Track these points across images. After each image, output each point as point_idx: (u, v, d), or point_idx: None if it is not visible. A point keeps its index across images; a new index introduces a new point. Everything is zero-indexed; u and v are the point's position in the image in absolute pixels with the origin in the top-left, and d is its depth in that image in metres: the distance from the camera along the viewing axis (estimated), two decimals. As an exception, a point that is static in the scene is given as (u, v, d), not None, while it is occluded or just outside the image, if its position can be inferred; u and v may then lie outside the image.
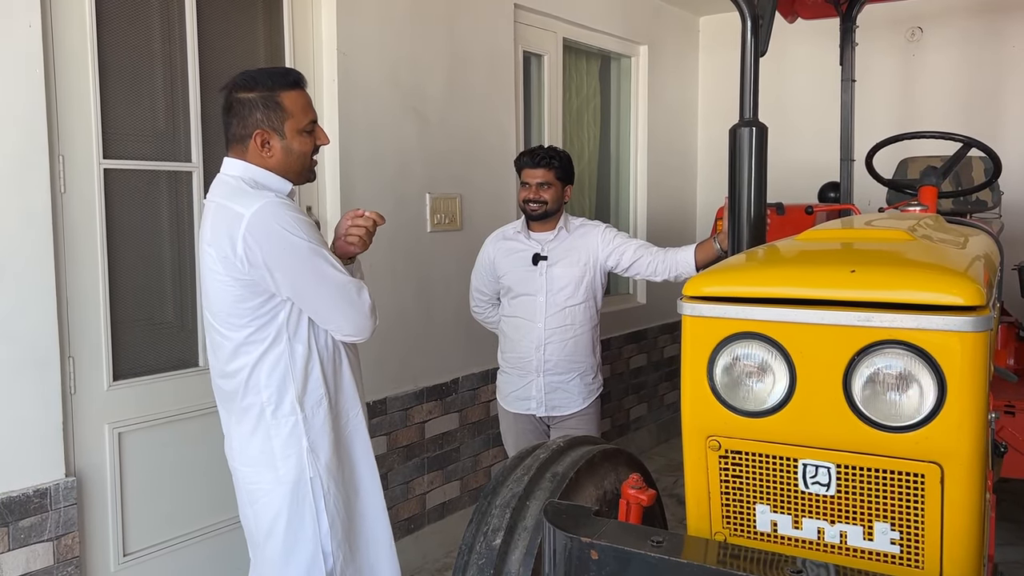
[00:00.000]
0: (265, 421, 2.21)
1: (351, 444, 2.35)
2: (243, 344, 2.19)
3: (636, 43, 5.38)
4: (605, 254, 3.31)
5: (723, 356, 1.69)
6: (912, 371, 1.53)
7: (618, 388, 5.25)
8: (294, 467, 2.22)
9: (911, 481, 1.57)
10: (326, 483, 2.25)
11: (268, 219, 2.09)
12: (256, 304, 2.15)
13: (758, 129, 2.44)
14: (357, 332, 2.23)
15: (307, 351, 2.22)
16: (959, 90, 5.15)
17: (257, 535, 2.29)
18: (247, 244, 2.07)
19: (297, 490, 2.22)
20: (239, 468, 2.29)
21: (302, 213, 2.20)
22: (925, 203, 3.12)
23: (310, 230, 2.15)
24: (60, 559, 2.57)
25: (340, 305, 2.18)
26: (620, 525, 1.81)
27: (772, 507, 1.70)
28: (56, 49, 2.58)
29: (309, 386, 2.23)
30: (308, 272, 2.13)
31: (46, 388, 2.55)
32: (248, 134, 2.18)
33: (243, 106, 2.18)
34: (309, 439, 2.23)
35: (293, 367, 2.20)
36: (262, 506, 2.25)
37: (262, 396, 2.20)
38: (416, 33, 3.71)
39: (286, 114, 2.19)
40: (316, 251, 2.14)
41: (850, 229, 2.25)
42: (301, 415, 2.22)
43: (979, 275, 1.63)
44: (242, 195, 2.14)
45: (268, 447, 2.22)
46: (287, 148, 2.21)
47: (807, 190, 4.73)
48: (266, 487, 2.23)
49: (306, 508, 2.23)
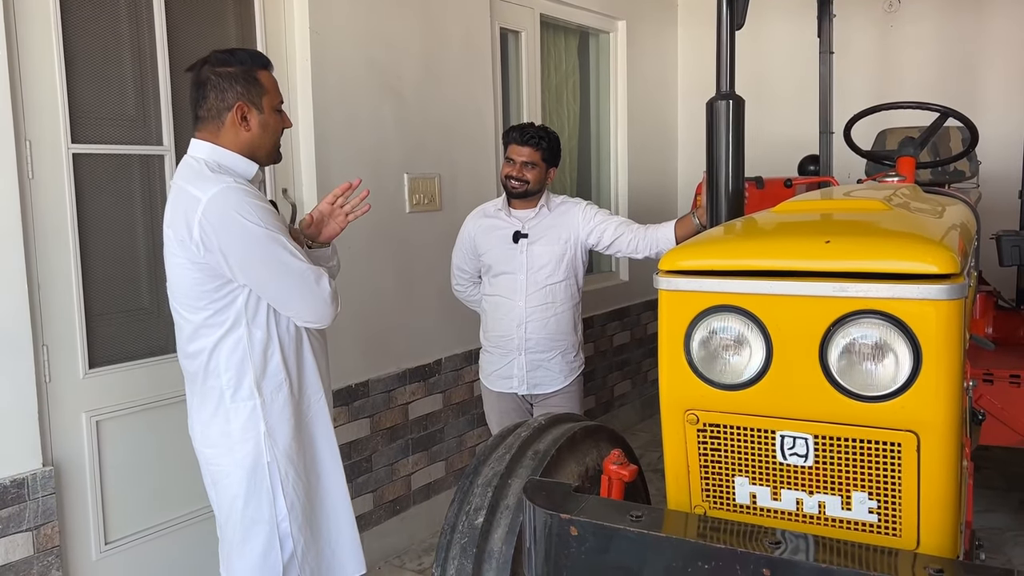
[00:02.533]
0: (224, 404, 2.21)
1: (313, 429, 2.35)
2: (201, 327, 2.18)
3: (614, 18, 5.34)
4: (586, 232, 3.29)
5: (700, 330, 1.70)
6: (887, 340, 1.53)
7: (602, 365, 5.26)
8: (251, 451, 2.22)
9: (888, 450, 1.58)
10: (283, 468, 2.25)
11: (224, 205, 2.07)
12: (213, 288, 2.14)
13: (735, 102, 2.43)
14: (317, 319, 2.23)
15: (266, 336, 2.21)
16: (936, 61, 5.15)
17: (219, 516, 2.30)
18: (203, 229, 2.07)
19: (254, 474, 2.22)
20: (201, 450, 2.30)
21: (261, 199, 2.17)
22: (903, 174, 3.12)
23: (268, 216, 2.13)
24: (40, 549, 2.55)
25: (298, 292, 2.17)
26: (600, 501, 1.81)
27: (751, 479, 1.71)
28: (19, 32, 2.52)
29: (268, 371, 2.22)
30: (265, 259, 2.12)
31: (20, 377, 2.51)
32: (228, 107, 2.18)
33: (222, 79, 2.18)
34: (267, 424, 2.22)
35: (252, 351, 2.19)
36: (222, 488, 2.26)
37: (221, 380, 2.20)
38: (390, 11, 3.66)
39: (263, 89, 2.23)
40: (273, 238, 2.12)
41: (827, 200, 2.24)
42: (259, 399, 2.21)
43: (954, 243, 1.63)
44: (201, 179, 2.12)
45: (227, 430, 2.22)
46: (264, 123, 2.23)
47: (787, 164, 4.73)
48: (225, 469, 2.24)
49: (263, 492, 2.23)
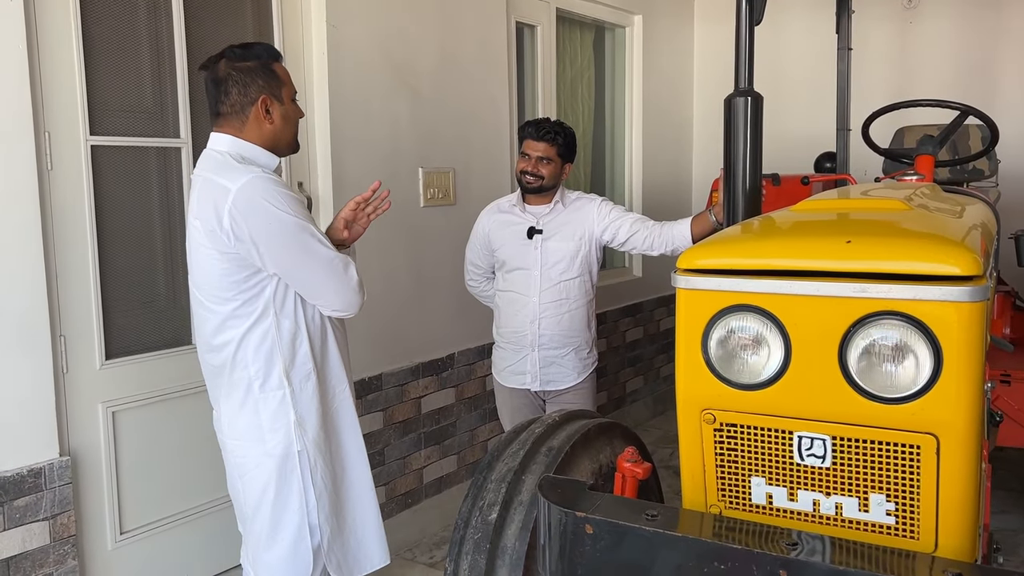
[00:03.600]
0: (253, 395, 2.21)
1: (338, 419, 2.35)
2: (229, 318, 2.18)
3: (631, 13, 5.31)
4: (601, 228, 3.28)
5: (718, 329, 1.68)
6: (908, 342, 1.51)
7: (614, 361, 5.25)
8: (282, 440, 2.22)
9: (907, 452, 1.56)
10: (313, 457, 2.25)
11: (254, 193, 2.08)
12: (242, 278, 2.15)
13: (753, 99, 2.41)
14: (345, 307, 2.23)
15: (294, 326, 2.22)
16: (956, 58, 5.10)
17: (246, 509, 2.30)
18: (233, 218, 2.07)
19: (285, 464, 2.22)
20: (227, 442, 2.30)
21: (289, 189, 2.18)
22: (921, 172, 3.09)
23: (296, 205, 2.14)
24: (56, 538, 2.57)
25: (328, 280, 2.18)
26: (615, 499, 1.80)
27: (767, 480, 1.70)
28: (39, 24, 2.54)
29: (297, 360, 2.23)
30: (295, 247, 2.13)
31: (38, 367, 2.53)
32: (251, 101, 2.20)
33: (243, 74, 2.20)
34: (297, 413, 2.22)
35: (280, 341, 2.20)
36: (250, 479, 2.25)
37: (250, 370, 2.20)
38: (407, 5, 3.65)
39: (281, 81, 2.26)
40: (303, 226, 2.13)
41: (846, 199, 2.23)
42: (288, 389, 2.21)
43: (976, 244, 1.62)
44: (229, 169, 2.13)
45: (256, 421, 2.22)
46: (285, 114, 2.26)
47: (803, 161, 4.70)
48: (254, 460, 2.24)
49: (294, 481, 2.23)
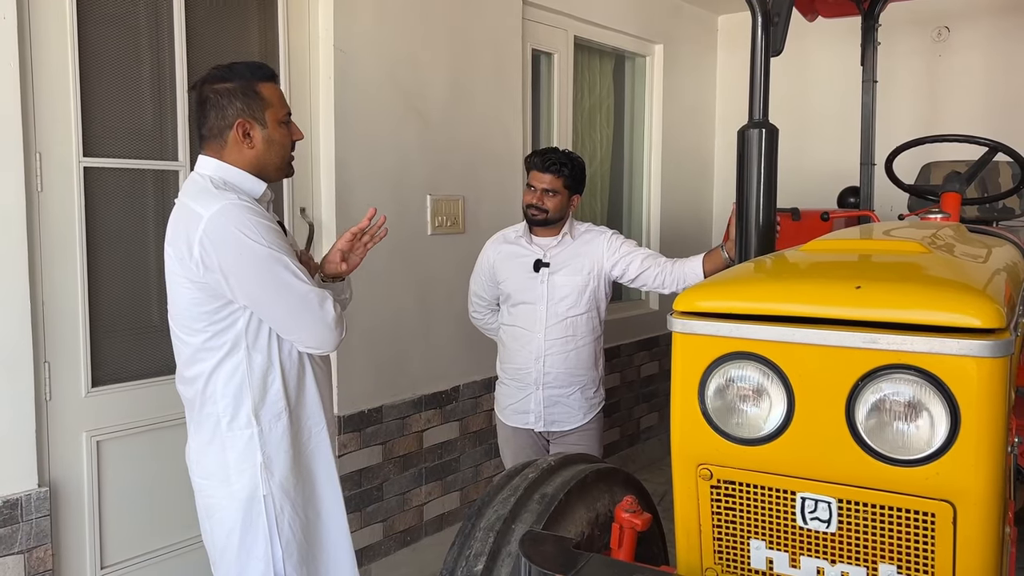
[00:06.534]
0: (220, 432, 2.11)
1: (313, 462, 2.24)
2: (200, 350, 2.09)
3: (651, 42, 5.23)
4: (611, 263, 3.16)
5: (715, 377, 1.56)
6: (922, 399, 1.39)
7: (628, 397, 5.11)
8: (247, 483, 2.11)
9: (920, 520, 1.43)
10: (279, 502, 2.14)
11: (227, 222, 1.98)
12: (212, 309, 2.05)
13: (768, 131, 2.31)
14: (319, 345, 2.12)
15: (266, 361, 2.11)
16: (986, 92, 4.96)
17: (213, 552, 2.20)
18: (203, 246, 1.98)
19: (250, 507, 2.11)
20: (196, 480, 2.20)
21: (266, 217, 2.08)
22: (947, 210, 2.96)
23: (271, 235, 2.03)
24: (31, 572, 2.47)
25: (302, 315, 2.07)
26: (602, 561, 1.68)
27: (768, 543, 1.57)
28: (33, 42, 2.49)
29: (268, 398, 2.12)
30: (266, 280, 2.02)
31: (18, 394, 2.45)
32: (228, 125, 2.09)
33: (221, 96, 2.09)
34: (264, 454, 2.11)
35: (251, 377, 2.09)
36: (216, 521, 2.15)
37: (218, 406, 2.10)
38: (417, 30, 3.59)
39: (266, 103, 2.13)
40: (276, 258, 2.02)
41: (859, 239, 2.10)
42: (257, 428, 2.11)
43: (999, 293, 1.49)
44: (205, 195, 2.04)
45: (223, 459, 2.12)
46: (268, 139, 2.13)
47: (826, 195, 4.57)
48: (221, 502, 2.13)
49: (259, 527, 2.12)
